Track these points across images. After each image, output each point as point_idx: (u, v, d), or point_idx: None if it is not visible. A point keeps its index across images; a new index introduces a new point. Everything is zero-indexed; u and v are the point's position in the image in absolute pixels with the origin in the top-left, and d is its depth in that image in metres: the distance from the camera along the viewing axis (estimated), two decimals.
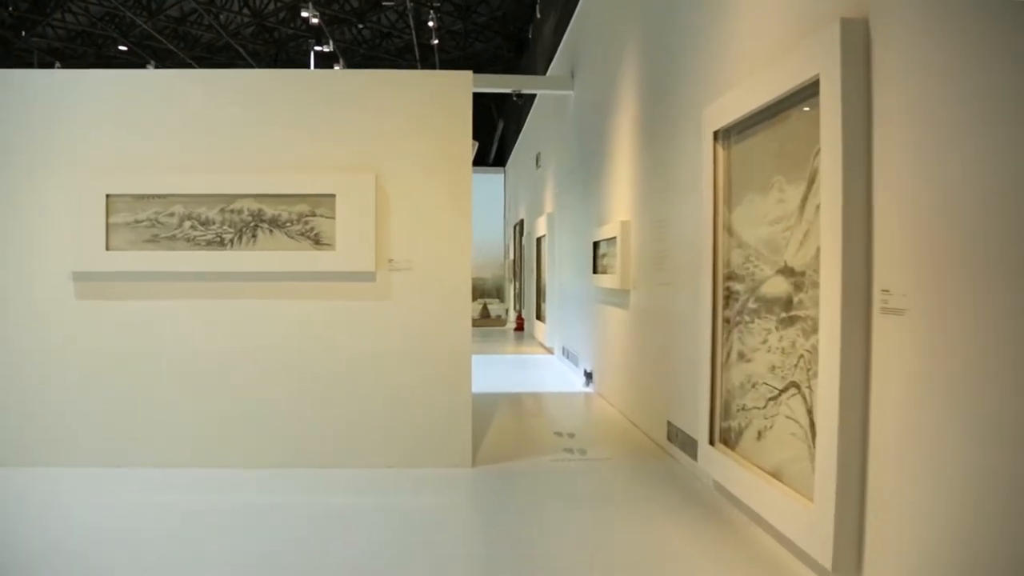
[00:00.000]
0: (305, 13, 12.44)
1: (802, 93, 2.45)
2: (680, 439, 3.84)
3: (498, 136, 19.98)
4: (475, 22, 17.53)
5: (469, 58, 18.80)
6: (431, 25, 14.56)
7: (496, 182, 18.29)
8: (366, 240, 3.74)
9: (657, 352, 4.39)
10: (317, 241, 3.76)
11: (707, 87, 3.46)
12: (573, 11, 8.02)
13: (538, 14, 12.71)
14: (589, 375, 6.58)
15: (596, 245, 6.01)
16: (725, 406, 3.14)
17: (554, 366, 8.22)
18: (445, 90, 3.88)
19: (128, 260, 3.72)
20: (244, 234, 3.75)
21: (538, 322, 10.72)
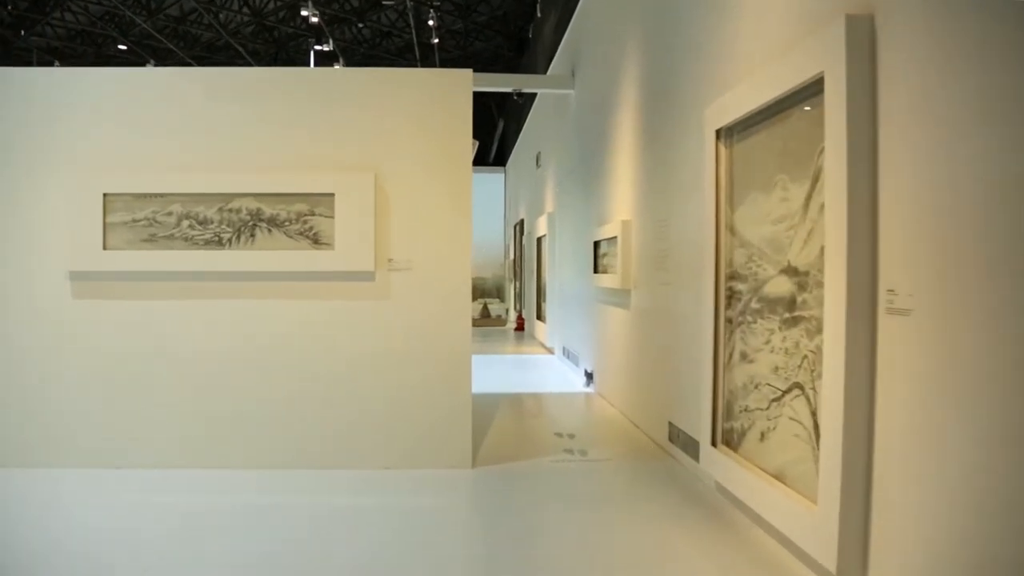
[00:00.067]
0: (305, 12, 12.42)
1: (806, 91, 2.42)
2: (682, 440, 3.82)
3: (498, 135, 19.96)
4: (475, 21, 17.50)
5: (469, 57, 18.78)
6: (431, 24, 14.54)
7: (496, 182, 18.26)
8: (365, 240, 3.71)
9: (658, 352, 4.37)
10: (316, 241, 3.73)
11: (709, 85, 3.43)
12: (574, 10, 7.99)
13: (539, 13, 12.68)
14: (590, 375, 6.56)
15: (597, 245, 5.99)
16: (727, 407, 3.12)
17: (554, 366, 8.20)
18: (445, 89, 3.85)
19: (126, 260, 3.69)
20: (242, 233, 3.72)
21: (538, 322, 10.70)
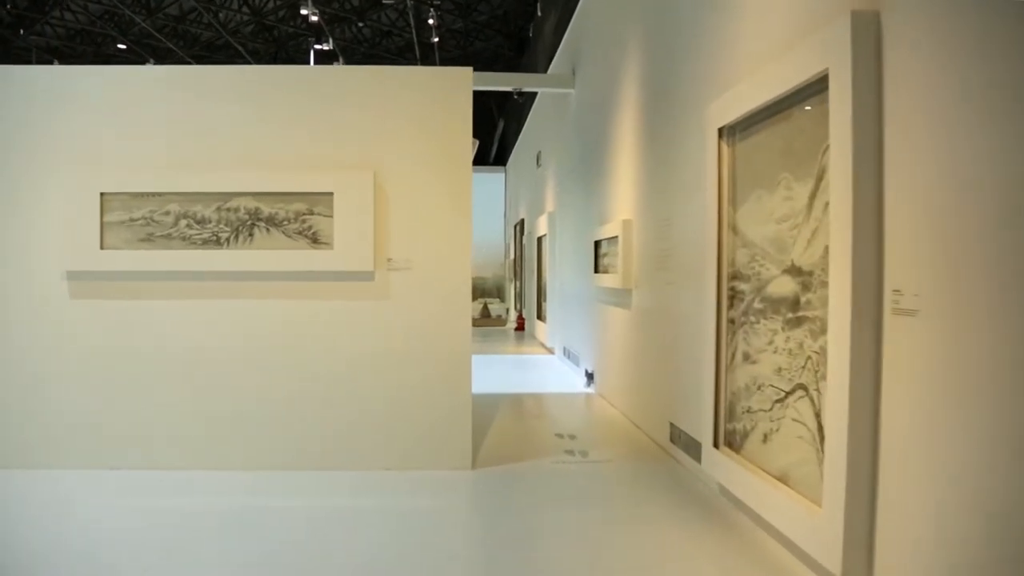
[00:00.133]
0: (304, 11, 12.39)
1: (810, 89, 2.39)
2: (683, 441, 3.79)
3: (498, 135, 19.93)
4: (475, 20, 17.48)
5: (470, 57, 18.75)
6: (431, 23, 14.51)
7: (497, 181, 18.23)
8: (364, 239, 3.69)
9: (659, 352, 4.34)
10: (315, 240, 3.70)
11: (711, 83, 3.40)
12: (574, 9, 7.96)
13: (539, 12, 12.65)
14: (590, 375, 6.53)
15: (597, 244, 5.96)
16: (730, 408, 3.09)
17: (555, 366, 8.17)
18: (445, 87, 3.83)
19: (123, 259, 3.67)
20: (241, 233, 3.69)
21: (539, 322, 10.67)
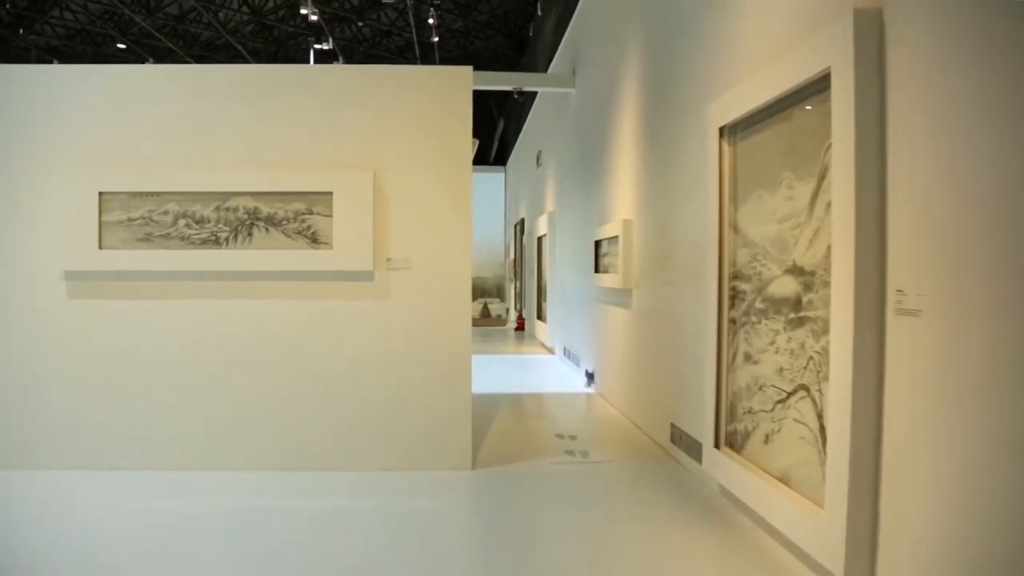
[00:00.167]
0: (304, 10, 12.37)
1: (812, 87, 2.38)
2: (684, 442, 3.77)
3: (498, 135, 19.91)
4: (475, 20, 17.47)
5: (470, 56, 18.74)
6: (431, 23, 14.49)
7: (497, 181, 18.21)
8: (364, 239, 3.67)
9: (660, 353, 4.32)
10: (314, 240, 3.69)
11: (712, 82, 3.39)
12: (574, 8, 7.94)
13: (539, 12, 12.64)
14: (590, 376, 6.51)
15: (598, 244, 5.94)
16: (731, 408, 3.08)
17: (555, 366, 8.16)
18: (445, 86, 3.81)
19: (121, 259, 3.65)
20: (240, 233, 3.68)
21: (539, 322, 10.66)
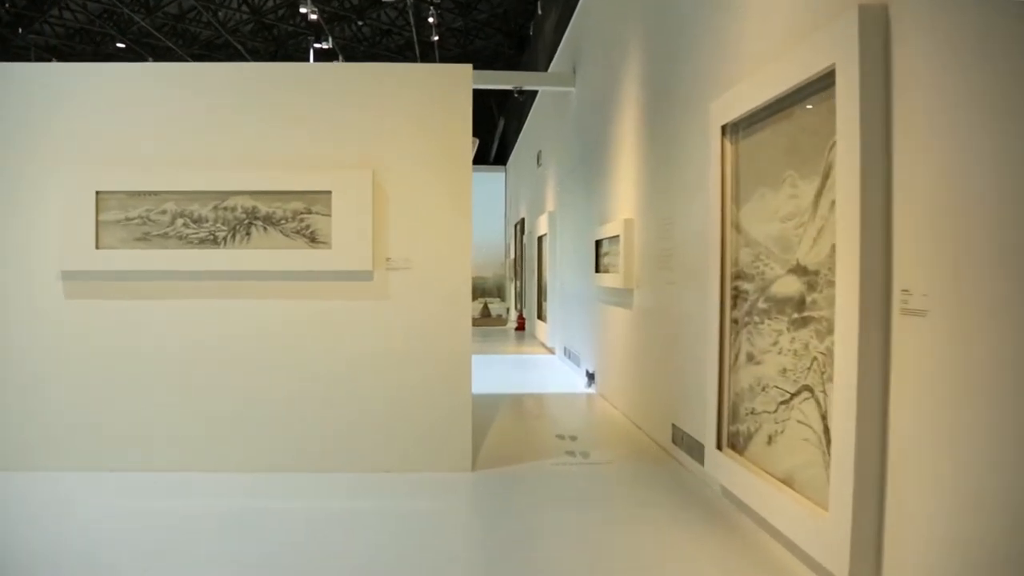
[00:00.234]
0: (304, 9, 12.33)
1: (816, 85, 2.35)
2: (686, 443, 3.74)
3: (499, 134, 19.89)
4: (475, 19, 17.43)
5: (470, 55, 18.72)
6: (431, 22, 14.46)
7: (497, 181, 18.18)
8: (363, 238, 3.64)
9: (661, 353, 4.30)
10: (313, 239, 3.66)
11: (714, 80, 3.36)
12: (575, 7, 7.91)
13: (539, 10, 12.61)
14: (591, 376, 6.49)
15: (598, 244, 5.92)
16: (733, 409, 3.05)
17: (555, 366, 8.13)
18: (444, 84, 3.78)
19: (119, 259, 3.62)
20: (238, 232, 3.65)
21: (539, 322, 10.63)
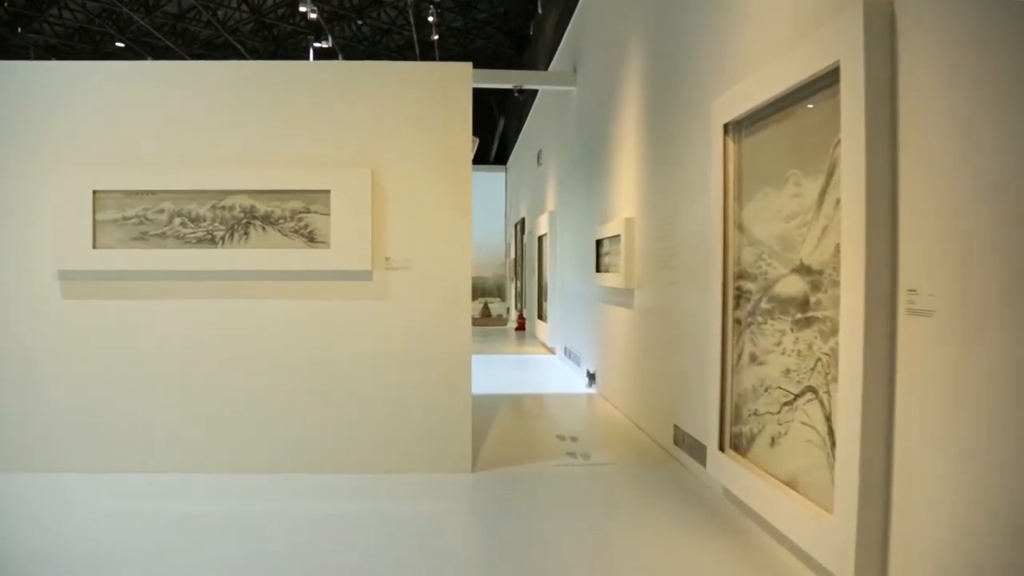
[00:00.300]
0: (303, 8, 12.30)
1: (820, 82, 2.32)
2: (687, 444, 3.72)
3: (499, 134, 19.86)
4: (476, 18, 17.41)
5: (470, 55, 18.68)
6: (431, 21, 14.43)
7: (497, 180, 18.15)
8: (362, 238, 3.61)
9: (663, 353, 4.27)
10: (311, 239, 3.63)
11: (715, 79, 3.33)
12: (575, 6, 7.89)
13: (539, 9, 12.58)
14: (592, 376, 6.46)
15: (599, 243, 5.89)
16: (736, 410, 3.02)
17: (556, 366, 8.10)
18: (444, 83, 3.75)
19: (116, 258, 3.59)
20: (236, 231, 3.62)
21: (539, 321, 10.60)
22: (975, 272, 1.69)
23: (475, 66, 3.91)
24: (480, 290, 16.80)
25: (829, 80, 2.25)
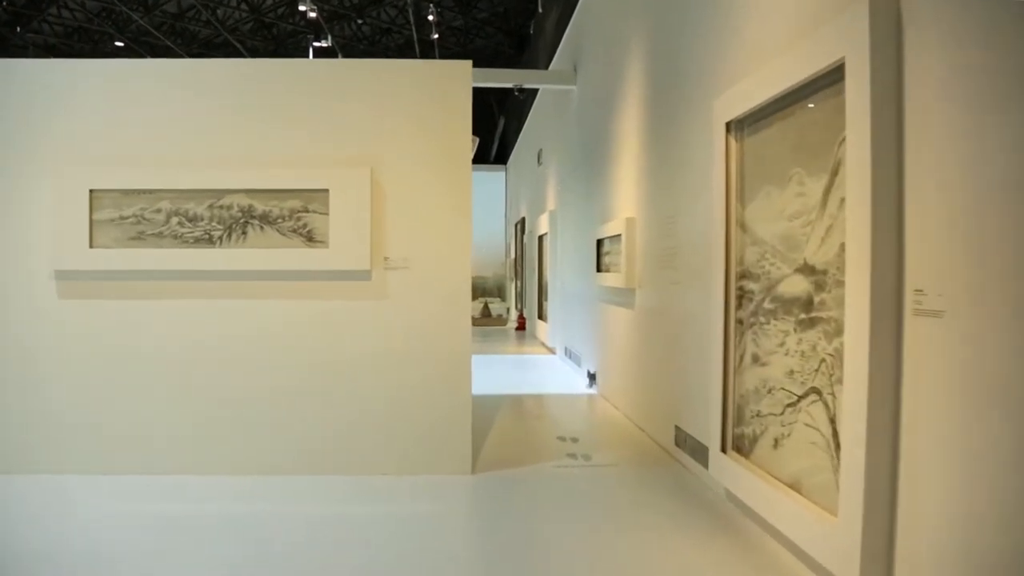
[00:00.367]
0: (303, 7, 12.27)
1: (824, 79, 2.29)
2: (689, 445, 3.69)
3: (499, 134, 19.83)
4: (476, 17, 17.38)
5: (470, 54, 18.66)
6: (431, 20, 14.40)
7: (497, 180, 18.12)
8: (361, 237, 3.58)
9: (664, 353, 4.24)
10: (310, 238, 3.60)
11: (718, 76, 3.30)
12: (575, 4, 7.86)
13: (540, 8, 12.55)
14: (592, 376, 6.43)
15: (600, 243, 5.86)
16: (738, 411, 2.99)
17: (556, 367, 8.07)
18: (444, 81, 3.72)
19: (113, 258, 3.56)
20: (234, 231, 3.59)
21: (540, 321, 10.58)
22: (983, 272, 1.66)
23: (475, 65, 3.87)
24: (480, 290, 16.77)
25: (833, 77, 2.22)
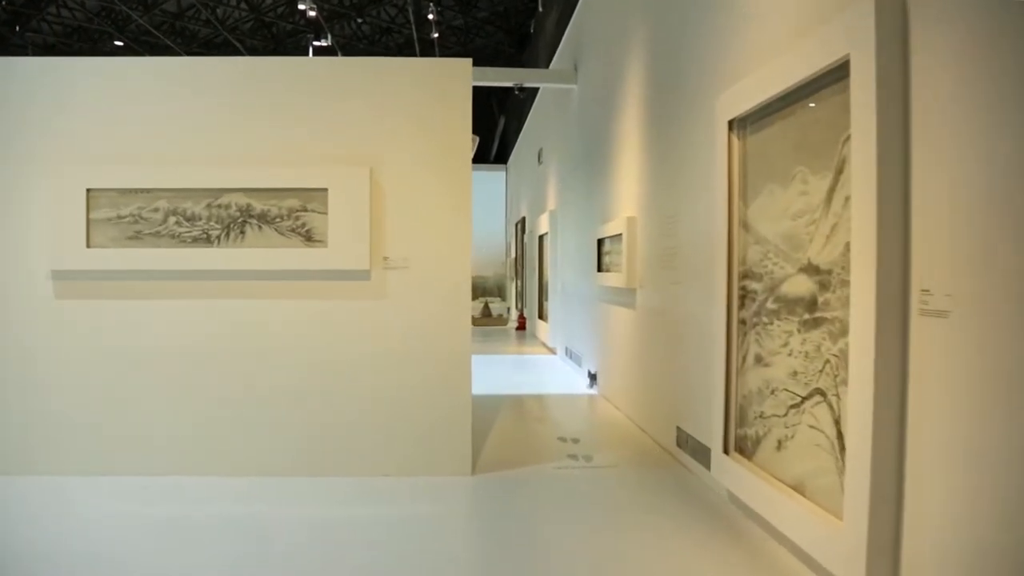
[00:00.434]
0: (302, 6, 12.24)
1: (829, 77, 2.26)
2: (691, 446, 3.66)
3: (499, 133, 19.80)
4: (476, 16, 17.35)
5: (470, 53, 18.60)
6: (431, 19, 14.37)
7: (497, 180, 18.09)
8: (360, 237, 3.56)
9: (666, 354, 4.21)
10: (309, 238, 3.57)
11: (720, 74, 3.28)
12: (576, 3, 7.83)
13: (540, 7, 12.52)
14: (593, 377, 6.40)
15: (600, 242, 5.83)
16: (741, 413, 2.96)
17: (557, 367, 8.05)
18: (444, 79, 3.69)
19: (110, 258, 3.54)
20: (232, 230, 3.57)
21: (540, 321, 10.55)
22: (990, 272, 1.63)
23: (475, 64, 3.85)
24: (480, 290, 16.75)
25: (838, 75, 2.19)
